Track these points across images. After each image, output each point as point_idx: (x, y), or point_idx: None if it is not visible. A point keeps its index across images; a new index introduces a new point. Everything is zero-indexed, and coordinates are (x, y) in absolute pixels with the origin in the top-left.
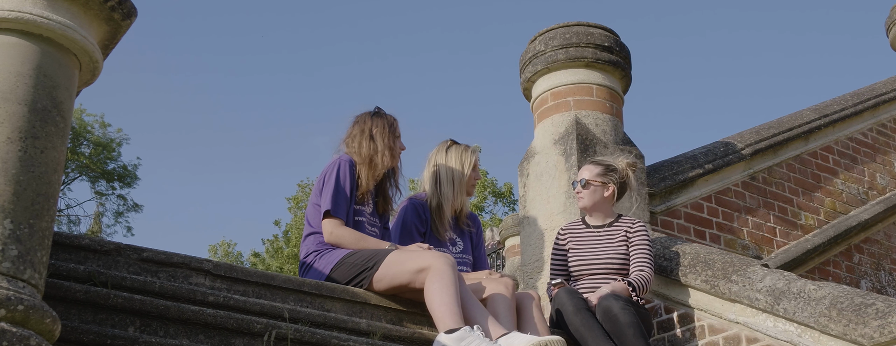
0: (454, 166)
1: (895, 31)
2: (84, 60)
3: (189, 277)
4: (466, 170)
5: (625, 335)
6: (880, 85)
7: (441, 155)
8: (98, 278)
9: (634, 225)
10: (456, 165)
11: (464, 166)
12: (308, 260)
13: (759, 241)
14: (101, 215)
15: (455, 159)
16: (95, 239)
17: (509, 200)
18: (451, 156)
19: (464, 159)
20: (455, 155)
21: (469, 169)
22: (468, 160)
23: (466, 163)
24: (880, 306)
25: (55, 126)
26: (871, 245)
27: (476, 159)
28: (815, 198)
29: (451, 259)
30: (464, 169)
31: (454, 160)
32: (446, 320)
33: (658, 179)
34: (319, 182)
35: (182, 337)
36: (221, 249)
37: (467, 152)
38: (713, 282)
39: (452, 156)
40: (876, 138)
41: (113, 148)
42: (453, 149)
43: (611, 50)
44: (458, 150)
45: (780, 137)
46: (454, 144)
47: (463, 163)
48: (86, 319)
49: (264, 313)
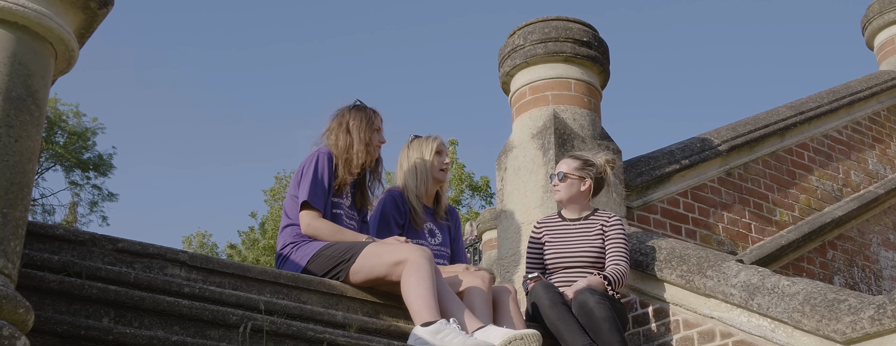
0: (415, 157)
1: (871, 30)
2: (60, 48)
3: (164, 268)
4: (428, 156)
5: (600, 329)
6: (856, 83)
7: (404, 152)
8: (72, 269)
9: (610, 219)
10: (416, 154)
11: (425, 154)
12: (285, 252)
13: (735, 236)
14: (77, 204)
15: (415, 150)
16: (70, 229)
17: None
18: (412, 149)
19: (424, 148)
20: (416, 146)
21: (431, 155)
22: (428, 147)
23: (427, 150)
24: (853, 302)
25: (30, 115)
26: (845, 242)
27: (438, 145)
28: (790, 194)
29: (429, 252)
30: (424, 156)
31: (415, 152)
32: (422, 312)
33: (635, 174)
34: (297, 174)
35: (157, 328)
36: (196, 240)
37: (427, 142)
38: (688, 277)
39: (414, 148)
40: (851, 136)
41: (88, 137)
42: (415, 142)
43: (589, 45)
44: (418, 142)
45: (756, 133)
46: (415, 138)
47: (424, 151)
48: (60, 309)
49: (240, 304)
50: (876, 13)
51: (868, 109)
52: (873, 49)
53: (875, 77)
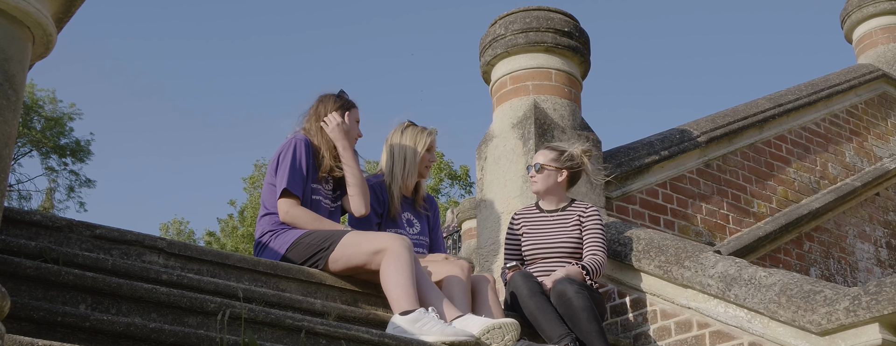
0: (408, 145)
1: (850, 23)
2: (38, 32)
3: (142, 255)
4: (420, 149)
5: (578, 318)
6: (834, 76)
7: (397, 135)
8: (49, 255)
9: (587, 210)
10: (410, 145)
11: (418, 146)
12: (263, 240)
13: (713, 228)
14: (54, 190)
15: (410, 139)
16: (47, 215)
17: (466, 182)
18: (406, 136)
19: (418, 140)
20: (410, 135)
21: (423, 149)
22: (423, 141)
23: (421, 143)
24: (828, 293)
25: (7, 99)
26: (822, 234)
27: (432, 141)
28: (768, 186)
29: (408, 241)
30: (417, 148)
31: (409, 140)
32: (401, 301)
33: (614, 165)
34: (274, 162)
35: (134, 315)
36: (173, 227)
37: (423, 133)
38: (666, 268)
39: (408, 136)
40: (828, 129)
41: (65, 123)
42: (410, 129)
43: (570, 35)
44: (414, 130)
45: (735, 125)
46: (411, 125)
47: (417, 143)
48: (36, 295)
49: (218, 292)
50: (855, 7)
51: (846, 102)
52: (852, 42)
53: (853, 70)
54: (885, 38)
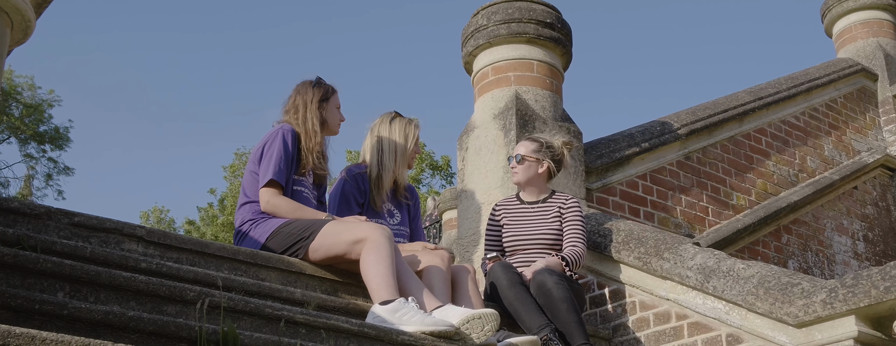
0: (397, 139)
1: (830, 17)
2: (17, 18)
3: (121, 243)
4: (409, 144)
5: (558, 309)
6: (814, 70)
7: (385, 127)
8: (27, 242)
9: (568, 201)
10: (400, 138)
11: (407, 140)
12: (243, 229)
13: (692, 220)
14: (32, 177)
15: (399, 132)
16: (25, 202)
17: (447, 173)
18: (394, 128)
19: (407, 132)
20: (399, 127)
21: (412, 143)
22: (412, 134)
23: (410, 136)
24: (805, 286)
25: None
26: (800, 226)
27: (418, 133)
28: (748, 179)
29: (388, 231)
30: (407, 143)
31: (398, 133)
32: (381, 291)
33: (595, 156)
34: (258, 151)
35: (113, 303)
36: (154, 215)
37: (411, 126)
38: (646, 259)
39: (397, 128)
40: (808, 122)
41: (43, 110)
42: (397, 121)
43: (553, 26)
44: (401, 122)
45: (715, 118)
46: (398, 117)
47: (407, 136)
48: (13, 283)
49: (198, 280)
50: (835, 1)
51: (825, 95)
52: (832, 37)
53: (833, 64)
54: (864, 33)
